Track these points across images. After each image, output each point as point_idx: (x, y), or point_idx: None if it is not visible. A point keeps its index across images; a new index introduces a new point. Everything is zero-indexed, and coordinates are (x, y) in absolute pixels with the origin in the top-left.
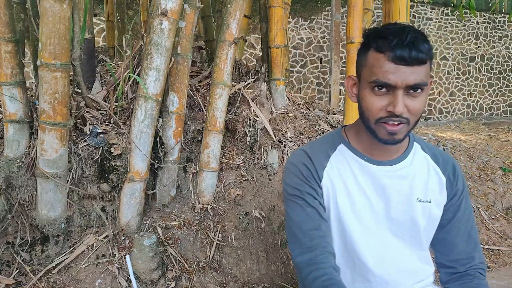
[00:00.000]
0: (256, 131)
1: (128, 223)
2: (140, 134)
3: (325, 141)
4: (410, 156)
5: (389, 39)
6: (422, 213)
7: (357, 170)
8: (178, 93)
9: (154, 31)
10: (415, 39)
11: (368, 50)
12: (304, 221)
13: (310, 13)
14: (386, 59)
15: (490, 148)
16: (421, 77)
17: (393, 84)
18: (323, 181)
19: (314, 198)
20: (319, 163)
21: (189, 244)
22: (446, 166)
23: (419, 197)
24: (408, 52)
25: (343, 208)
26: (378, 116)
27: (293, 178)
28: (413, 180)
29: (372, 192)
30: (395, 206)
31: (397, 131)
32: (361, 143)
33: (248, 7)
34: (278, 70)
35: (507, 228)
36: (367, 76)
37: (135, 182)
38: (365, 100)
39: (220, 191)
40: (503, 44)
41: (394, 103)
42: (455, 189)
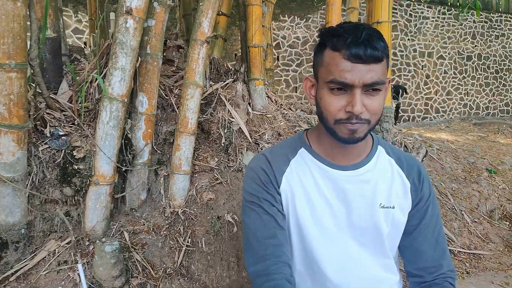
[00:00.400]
0: (232, 132)
1: (94, 228)
2: (105, 137)
3: (286, 145)
4: (373, 160)
5: (344, 37)
6: (385, 219)
7: (318, 175)
8: (147, 93)
9: (119, 30)
10: (370, 36)
11: (324, 49)
12: (259, 229)
13: (306, 12)
14: (342, 57)
15: (477, 149)
16: (378, 75)
17: (350, 83)
18: (281, 186)
19: (271, 204)
20: (278, 167)
21: (157, 250)
22: (411, 170)
23: (382, 203)
24: (363, 49)
25: (302, 214)
26: (337, 117)
27: (250, 184)
28: (376, 185)
29: (333, 198)
30: (357, 212)
31: (357, 128)
32: (322, 147)
33: (227, 5)
34: (257, 70)
35: (490, 232)
36: (324, 76)
37: (100, 185)
38: (323, 101)
39: (192, 194)
40: (500, 43)
41: (353, 103)
42: (420, 195)
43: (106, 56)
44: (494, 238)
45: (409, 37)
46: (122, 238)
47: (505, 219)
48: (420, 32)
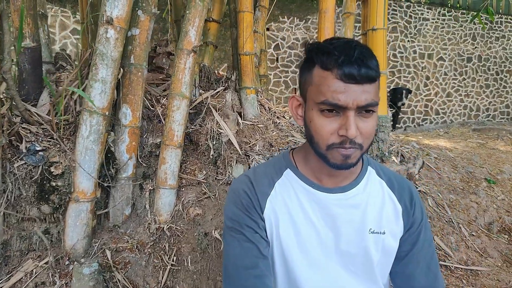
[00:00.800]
0: (221, 144)
1: (74, 246)
2: (85, 151)
3: (271, 165)
4: (363, 182)
5: (335, 55)
6: (375, 245)
7: (304, 198)
8: (131, 105)
9: (99, 41)
10: (363, 55)
11: (312, 67)
12: (240, 258)
13: (305, 13)
14: (333, 77)
15: (476, 158)
16: (372, 96)
17: (344, 105)
18: (265, 211)
19: (254, 231)
20: (262, 191)
21: (140, 269)
22: (403, 192)
23: (372, 228)
24: (357, 69)
25: (287, 241)
26: (330, 142)
27: (232, 208)
28: (365, 209)
29: (320, 222)
30: (346, 237)
31: (351, 154)
32: (309, 168)
33: (218, 11)
34: (248, 79)
35: (488, 246)
36: (314, 97)
37: (80, 202)
38: (314, 124)
39: (178, 209)
40: (500, 45)
41: (347, 126)
42: (412, 219)
43: (88, 66)
44: (492, 252)
45: (409, 39)
46: (104, 256)
47: (503, 232)
48: (420, 34)
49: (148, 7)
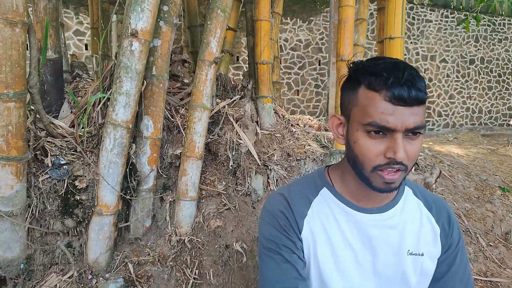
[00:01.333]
0: (240, 154)
1: (97, 260)
2: (108, 165)
3: (306, 184)
4: (400, 202)
5: (384, 76)
6: (414, 267)
7: (342, 218)
8: (153, 117)
9: (123, 53)
10: (413, 76)
11: (358, 87)
12: (278, 280)
13: (308, 14)
14: (382, 98)
15: (489, 165)
16: (420, 118)
17: (392, 127)
18: (303, 232)
19: (292, 251)
20: (299, 211)
21: (163, 283)
22: (440, 214)
23: (410, 250)
24: (407, 91)
25: (324, 261)
26: (376, 164)
27: (269, 229)
28: (403, 230)
29: (358, 244)
30: (383, 259)
31: (395, 179)
32: (346, 188)
33: (234, 19)
34: (265, 88)
35: (506, 256)
36: (359, 118)
37: (103, 216)
38: (359, 145)
39: (199, 221)
40: (503, 47)
41: (395, 149)
42: (450, 240)
43: (109, 77)
44: (511, 263)
45: (412, 40)
46: (126, 270)
47: None
48: (423, 35)
49: (170, 18)
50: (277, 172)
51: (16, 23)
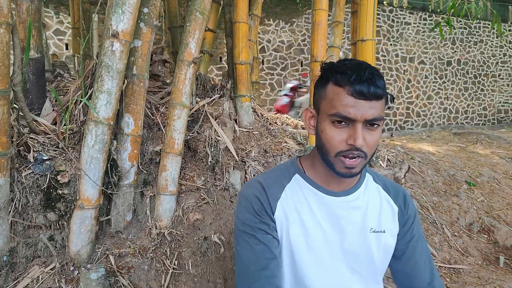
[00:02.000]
0: (218, 151)
1: (78, 252)
2: (90, 160)
3: (280, 171)
4: (362, 186)
5: (348, 74)
6: (377, 244)
7: (312, 201)
8: (133, 114)
9: (105, 53)
10: (372, 75)
11: (326, 83)
12: (252, 261)
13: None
14: (345, 93)
15: (457, 161)
16: (378, 111)
17: (353, 117)
18: (276, 213)
19: (266, 233)
20: (273, 194)
21: (143, 273)
22: (397, 196)
23: (373, 228)
24: (366, 87)
25: (296, 240)
26: (339, 150)
27: (244, 213)
28: (366, 211)
29: (326, 224)
30: (349, 237)
31: (355, 165)
32: (316, 174)
33: (214, 21)
34: (244, 87)
35: (469, 245)
36: (326, 109)
37: (85, 209)
38: (325, 133)
39: (178, 215)
40: (478, 49)
41: (355, 137)
42: (406, 217)
43: (91, 76)
44: (473, 251)
45: (392, 42)
46: (107, 262)
47: (483, 232)
48: (402, 37)
49: (150, 20)
50: (254, 168)
51: (1, 24)
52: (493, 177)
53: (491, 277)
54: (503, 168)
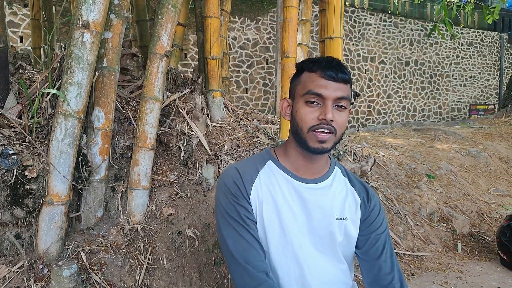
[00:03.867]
0: (191, 145)
1: (48, 250)
2: (59, 154)
3: (255, 158)
4: (331, 177)
5: (320, 62)
6: (339, 229)
7: (284, 185)
8: (104, 108)
9: (74, 44)
10: (340, 64)
11: (301, 73)
12: (237, 241)
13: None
14: (318, 75)
15: (418, 155)
16: (346, 92)
17: (324, 95)
18: (251, 196)
19: (244, 216)
20: (248, 178)
21: (117, 269)
22: (361, 190)
23: (337, 215)
24: (335, 71)
25: (269, 218)
26: (311, 125)
27: (223, 198)
28: (332, 199)
29: (296, 206)
30: (316, 220)
31: (326, 139)
32: (288, 161)
33: (184, 15)
34: (215, 82)
35: (430, 234)
36: (300, 91)
37: (54, 205)
38: (299, 113)
39: (151, 210)
40: (434, 51)
41: (325, 112)
42: (369, 210)
43: (58, 68)
44: (434, 239)
45: (354, 42)
46: (79, 259)
47: (442, 221)
48: (363, 38)
49: (121, 11)
50: (227, 162)
51: None
52: (450, 170)
53: (450, 262)
54: (458, 162)
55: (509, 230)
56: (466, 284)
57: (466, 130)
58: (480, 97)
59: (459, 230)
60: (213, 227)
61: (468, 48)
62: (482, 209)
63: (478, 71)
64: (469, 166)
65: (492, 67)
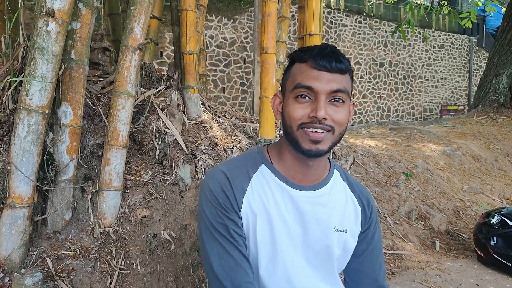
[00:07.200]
0: (167, 143)
1: (9, 256)
2: (22, 153)
3: (245, 159)
4: (330, 183)
5: (311, 50)
6: (338, 242)
7: (278, 194)
8: (72, 103)
9: (38, 34)
10: (335, 51)
11: (292, 64)
12: (222, 257)
13: (233, 13)
14: (308, 66)
15: (395, 154)
16: (342, 84)
17: (315, 88)
18: (242, 209)
19: (233, 230)
20: (239, 188)
21: (86, 276)
22: (361, 196)
23: (337, 226)
24: (329, 59)
25: (261, 233)
26: (300, 121)
27: (210, 208)
28: (332, 208)
29: (291, 218)
30: (312, 233)
31: (321, 138)
32: (283, 165)
33: (159, 8)
34: (192, 78)
35: (408, 232)
36: (290, 86)
37: (16, 208)
38: (288, 109)
39: (124, 212)
40: (407, 52)
41: (317, 109)
42: (370, 221)
43: (21, 60)
44: (412, 237)
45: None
46: (44, 265)
47: (420, 219)
48: (339, 39)
49: (90, 0)
50: (205, 161)
51: None
52: (427, 168)
53: (429, 260)
54: (434, 160)
55: (486, 227)
56: (445, 281)
57: (440, 129)
58: (451, 98)
59: (436, 227)
60: (190, 229)
61: (440, 51)
62: (458, 206)
63: (449, 73)
64: (444, 164)
65: (462, 69)
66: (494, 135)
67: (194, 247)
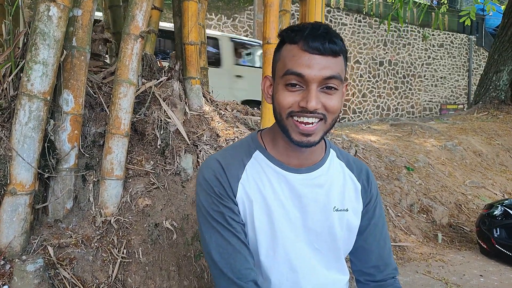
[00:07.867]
0: (168, 133)
1: (10, 244)
2: (23, 139)
3: (240, 147)
4: (326, 163)
5: (302, 30)
6: (340, 222)
7: (274, 179)
8: (73, 91)
9: (40, 19)
10: (328, 31)
11: (282, 45)
12: (221, 246)
13: (233, 11)
14: (299, 48)
15: (396, 148)
16: (336, 70)
17: (306, 76)
18: (238, 195)
19: (229, 217)
20: (234, 175)
21: (88, 264)
22: (360, 173)
23: (336, 206)
24: (321, 41)
25: (259, 219)
26: (290, 110)
27: (206, 197)
28: (329, 189)
29: (288, 202)
30: (312, 216)
31: (312, 131)
32: (277, 149)
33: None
34: (193, 69)
35: (410, 224)
36: (280, 71)
37: (18, 195)
38: (278, 96)
39: (126, 201)
40: (407, 51)
41: (308, 98)
42: (370, 195)
43: (22, 47)
44: (415, 230)
45: None
46: (45, 253)
47: (422, 212)
48: None
49: None
50: (206, 152)
51: None
52: (428, 163)
53: (432, 252)
54: (435, 155)
55: (489, 219)
56: (448, 272)
57: (441, 125)
58: (450, 97)
59: (438, 220)
60: (192, 219)
61: (439, 50)
62: (460, 200)
63: (448, 72)
64: (446, 159)
65: (462, 68)
66: (495, 131)
67: (196, 237)
